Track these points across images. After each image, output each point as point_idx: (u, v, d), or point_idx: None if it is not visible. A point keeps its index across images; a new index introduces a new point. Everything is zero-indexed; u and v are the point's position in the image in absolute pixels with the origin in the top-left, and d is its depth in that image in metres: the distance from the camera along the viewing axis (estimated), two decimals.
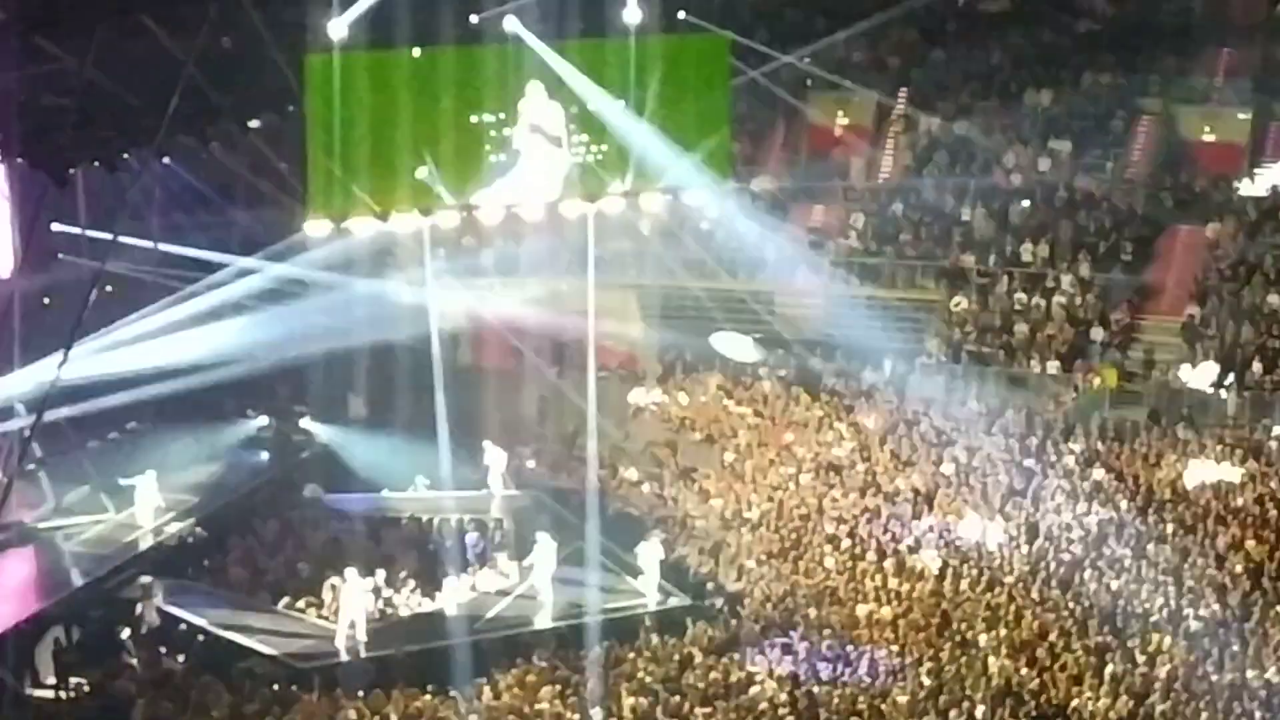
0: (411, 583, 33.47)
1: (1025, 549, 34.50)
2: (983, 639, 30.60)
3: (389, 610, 32.69)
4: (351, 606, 31.46)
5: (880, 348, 44.63)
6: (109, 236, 34.89)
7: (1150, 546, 34.32)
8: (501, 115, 36.13)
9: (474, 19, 35.91)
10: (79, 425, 37.96)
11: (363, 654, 31.15)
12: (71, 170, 32.51)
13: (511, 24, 34.99)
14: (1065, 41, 52.13)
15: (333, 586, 32.04)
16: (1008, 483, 37.78)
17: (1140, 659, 29.74)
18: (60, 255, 39.61)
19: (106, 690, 29.90)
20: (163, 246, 39.89)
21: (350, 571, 31.65)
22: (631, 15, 36.48)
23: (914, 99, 51.75)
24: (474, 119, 35.68)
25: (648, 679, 29.50)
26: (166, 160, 38.22)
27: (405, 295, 45.93)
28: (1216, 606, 31.66)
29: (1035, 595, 32.42)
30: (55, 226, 38.49)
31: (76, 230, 38.42)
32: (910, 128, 51.45)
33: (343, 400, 42.57)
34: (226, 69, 35.29)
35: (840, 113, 51.73)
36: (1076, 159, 49.11)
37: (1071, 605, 31.92)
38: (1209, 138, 48.79)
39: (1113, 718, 28.06)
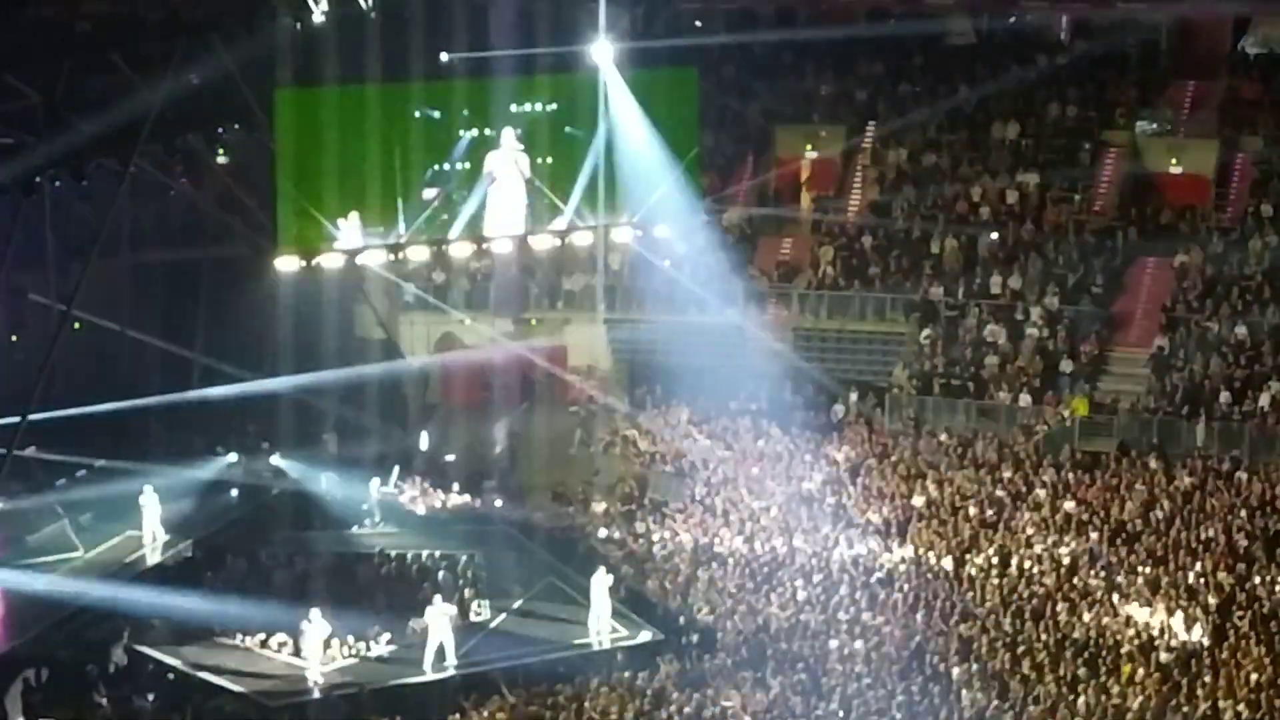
0: (383, 619, 33.32)
1: (997, 581, 34.50)
2: (955, 671, 30.59)
3: (360, 647, 32.53)
4: (321, 644, 31.35)
5: (850, 380, 44.66)
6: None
7: (1121, 578, 34.37)
8: (472, 150, 36.21)
9: (444, 55, 36.04)
10: (48, 464, 37.88)
11: (334, 691, 31.02)
12: (38, 179, 32.55)
13: (482, 59, 35.02)
14: (1032, 75, 52.33)
15: (303, 624, 31.85)
16: (979, 515, 37.79)
17: (1113, 691, 29.73)
18: (30, 295, 39.64)
19: None
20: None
21: (314, 611, 31.51)
22: (601, 49, 36.59)
23: (882, 132, 51.86)
24: (447, 154, 35.78)
25: (620, 714, 29.41)
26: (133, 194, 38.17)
27: (375, 330, 46.09)
28: (1188, 638, 31.69)
29: (1007, 627, 32.41)
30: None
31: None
32: (878, 160, 51.54)
33: (312, 437, 42.40)
34: (195, 104, 35.45)
35: (808, 146, 51.79)
36: (1044, 191, 49.22)
37: (1044, 637, 31.93)
38: (1175, 170, 48.94)
39: None
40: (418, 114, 35.58)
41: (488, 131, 36.16)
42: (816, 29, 50.40)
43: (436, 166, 35.54)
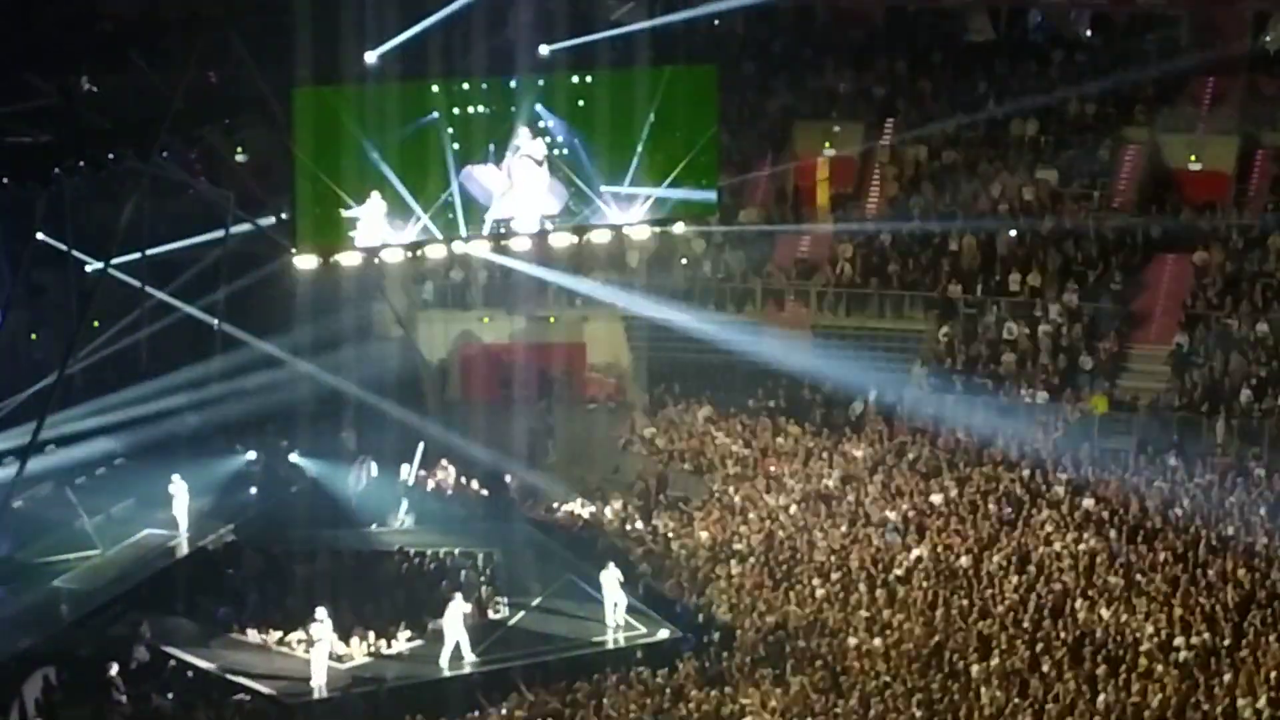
0: (401, 617, 33.36)
1: (1016, 578, 34.42)
2: (974, 669, 30.53)
3: (379, 645, 32.57)
4: (330, 642, 31.40)
5: (869, 378, 44.59)
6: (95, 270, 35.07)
7: (1140, 575, 34.29)
8: (492, 147, 36.23)
9: (462, 52, 36.05)
10: (67, 462, 38.00)
11: (353, 689, 31.07)
12: (56, 170, 32.69)
13: (499, 55, 35.04)
14: (1051, 71, 52.27)
15: (318, 622, 31.83)
16: (997, 512, 37.73)
17: (1133, 688, 29.67)
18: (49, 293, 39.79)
19: None
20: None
21: (321, 610, 31.54)
22: (620, 46, 36.61)
23: (900, 129, 51.82)
24: (465, 151, 35.79)
25: (639, 712, 29.43)
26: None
27: (394, 328, 46.12)
28: (1208, 635, 31.62)
29: (1026, 625, 32.35)
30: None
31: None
32: (897, 158, 51.49)
33: (330, 434, 42.45)
34: (214, 102, 35.48)
35: (827, 143, 51.74)
36: (1063, 188, 49.16)
37: (1063, 635, 31.87)
38: (1195, 166, 48.84)
39: None
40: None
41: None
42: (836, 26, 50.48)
43: (459, 152, 35.62)
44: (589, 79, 37.47)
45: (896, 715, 29.03)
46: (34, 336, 39.48)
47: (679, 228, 42.00)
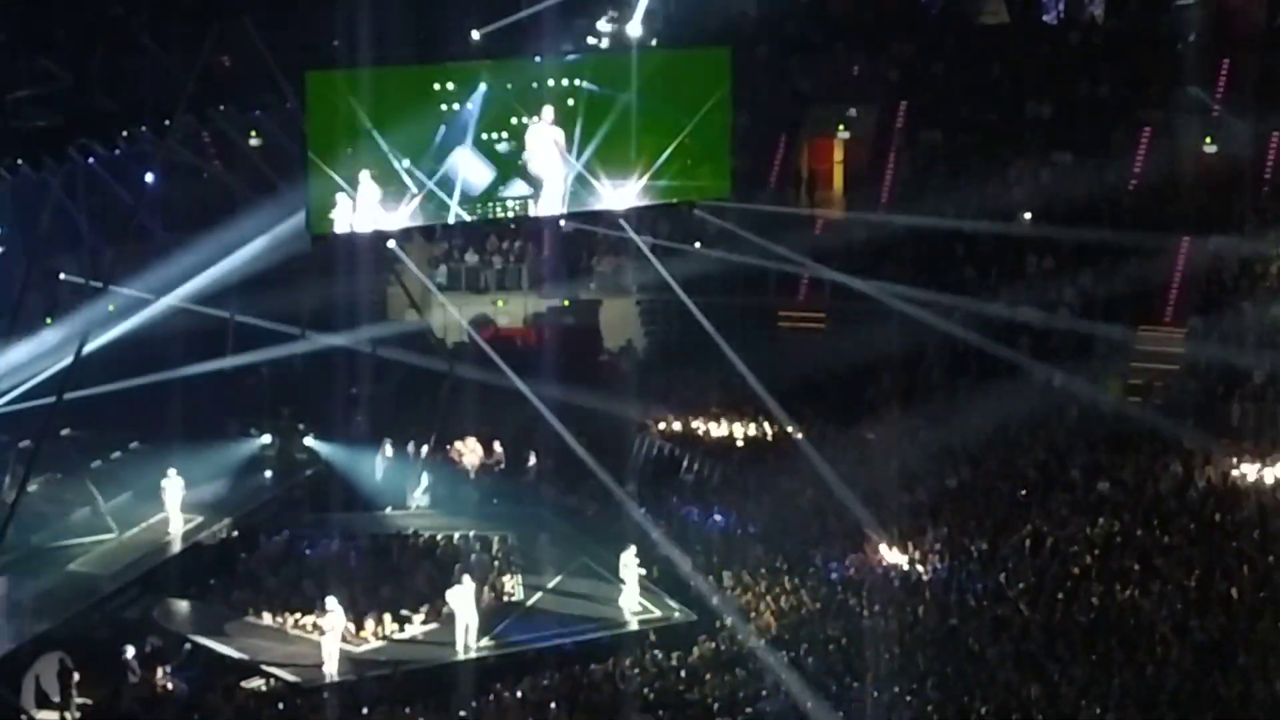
0: (417, 600, 33.38)
1: (1031, 561, 34.39)
2: (989, 652, 30.52)
3: (394, 628, 32.60)
4: (340, 631, 31.42)
5: (883, 361, 44.49)
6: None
7: (1156, 558, 34.23)
8: (505, 131, 36.15)
9: (475, 35, 36.00)
10: (82, 445, 38.04)
11: (367, 672, 31.10)
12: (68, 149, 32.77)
13: (515, 38, 34.98)
14: (1065, 53, 52.11)
15: (329, 611, 31.80)
16: (1012, 495, 37.67)
17: (1148, 671, 29.63)
18: (62, 275, 39.79)
19: (110, 711, 29.87)
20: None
21: (330, 599, 31.56)
22: (633, 29, 36.51)
23: (915, 112, 51.70)
24: (478, 134, 35.73)
25: (653, 694, 29.45)
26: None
27: (408, 312, 46.13)
28: (1223, 618, 31.56)
29: (1041, 608, 32.31)
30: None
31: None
32: (911, 141, 51.39)
33: (345, 417, 42.47)
34: (227, 85, 35.44)
35: (841, 127, 51.65)
36: (1078, 170, 49.02)
37: (1078, 617, 31.83)
38: (1210, 148, 48.68)
39: None
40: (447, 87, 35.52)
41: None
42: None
43: (468, 142, 35.53)
44: (603, 62, 37.40)
45: (911, 698, 29.03)
46: (48, 320, 39.46)
47: (692, 211, 41.92)
